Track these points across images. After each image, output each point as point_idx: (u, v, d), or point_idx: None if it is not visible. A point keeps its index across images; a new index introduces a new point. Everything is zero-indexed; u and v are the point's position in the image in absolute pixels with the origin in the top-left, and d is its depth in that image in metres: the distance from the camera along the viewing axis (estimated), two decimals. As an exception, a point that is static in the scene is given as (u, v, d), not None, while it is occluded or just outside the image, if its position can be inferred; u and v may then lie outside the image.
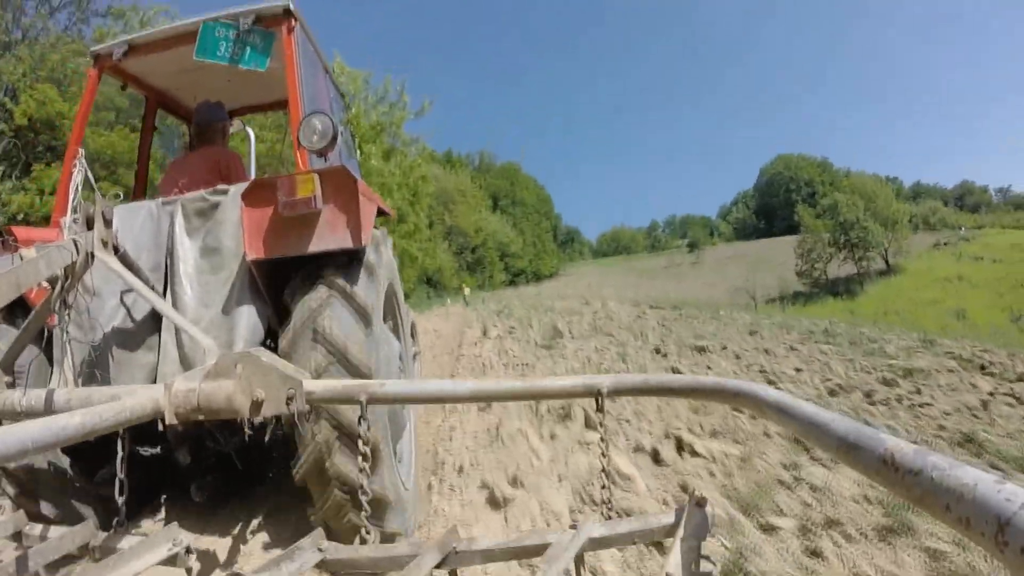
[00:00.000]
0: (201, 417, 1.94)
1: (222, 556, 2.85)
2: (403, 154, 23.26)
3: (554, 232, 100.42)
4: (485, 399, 3.05)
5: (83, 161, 2.80)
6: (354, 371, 2.50)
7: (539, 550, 1.77)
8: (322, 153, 2.95)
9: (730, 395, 1.67)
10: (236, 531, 3.10)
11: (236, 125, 4.94)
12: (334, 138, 2.90)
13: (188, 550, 1.70)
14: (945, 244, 64.76)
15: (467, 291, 29.26)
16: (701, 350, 9.51)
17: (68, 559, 1.96)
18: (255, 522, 3.19)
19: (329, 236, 2.61)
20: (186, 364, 2.62)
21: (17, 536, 2.00)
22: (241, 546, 2.96)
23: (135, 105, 14.59)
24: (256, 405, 1.96)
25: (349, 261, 2.70)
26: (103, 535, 1.87)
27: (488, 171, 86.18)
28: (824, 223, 57.88)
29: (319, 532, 1.92)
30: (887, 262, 57.76)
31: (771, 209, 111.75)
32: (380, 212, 3.27)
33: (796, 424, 1.27)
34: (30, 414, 1.89)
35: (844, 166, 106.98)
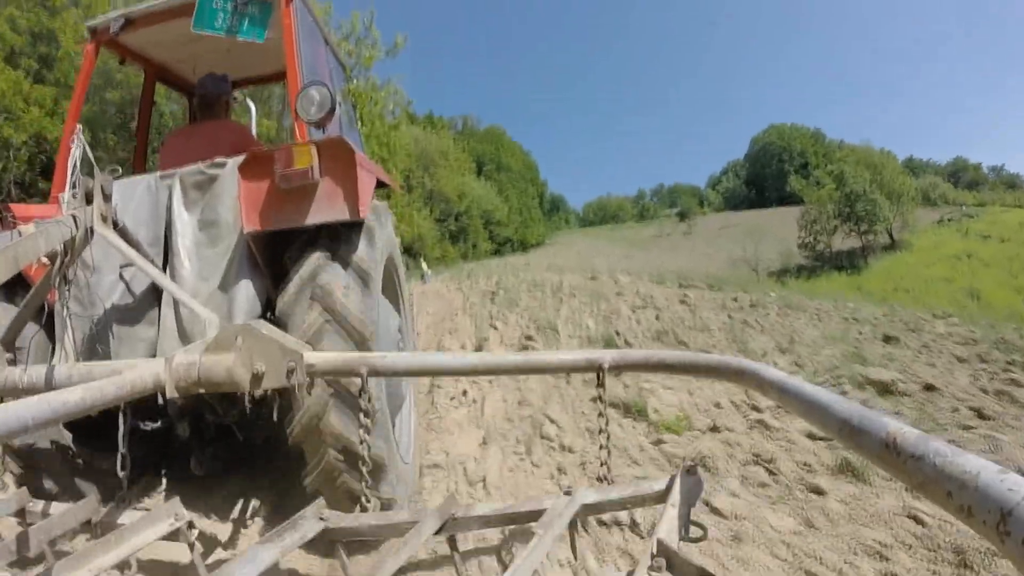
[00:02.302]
0: (202, 390, 1.95)
1: (224, 529, 2.88)
2: (373, 100, 20.01)
3: (540, 200, 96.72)
4: (487, 372, 3.05)
5: (81, 137, 2.78)
6: (351, 330, 2.47)
7: (534, 516, 1.80)
8: (320, 124, 2.92)
9: (733, 373, 1.67)
10: (238, 503, 3.12)
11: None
12: (332, 109, 2.87)
13: (190, 525, 1.72)
14: (949, 220, 62.59)
15: (425, 267, 23.64)
16: (887, 390, 5.23)
17: (71, 535, 1.98)
18: (257, 494, 3.21)
19: (327, 208, 2.58)
20: (186, 338, 2.62)
21: (20, 513, 2.03)
22: (243, 518, 2.99)
23: (34, 42, 12.39)
24: (257, 378, 1.96)
25: (348, 233, 2.68)
26: (105, 511, 1.89)
27: (471, 136, 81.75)
28: (829, 192, 56.10)
29: (321, 502, 1.94)
30: (892, 237, 56.23)
31: (762, 179, 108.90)
32: (380, 184, 3.23)
33: (798, 405, 1.26)
34: (31, 390, 1.89)
35: (837, 137, 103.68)
